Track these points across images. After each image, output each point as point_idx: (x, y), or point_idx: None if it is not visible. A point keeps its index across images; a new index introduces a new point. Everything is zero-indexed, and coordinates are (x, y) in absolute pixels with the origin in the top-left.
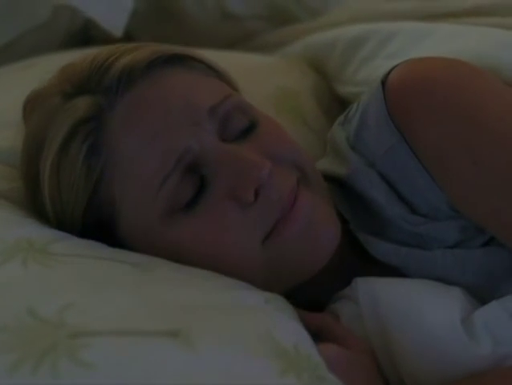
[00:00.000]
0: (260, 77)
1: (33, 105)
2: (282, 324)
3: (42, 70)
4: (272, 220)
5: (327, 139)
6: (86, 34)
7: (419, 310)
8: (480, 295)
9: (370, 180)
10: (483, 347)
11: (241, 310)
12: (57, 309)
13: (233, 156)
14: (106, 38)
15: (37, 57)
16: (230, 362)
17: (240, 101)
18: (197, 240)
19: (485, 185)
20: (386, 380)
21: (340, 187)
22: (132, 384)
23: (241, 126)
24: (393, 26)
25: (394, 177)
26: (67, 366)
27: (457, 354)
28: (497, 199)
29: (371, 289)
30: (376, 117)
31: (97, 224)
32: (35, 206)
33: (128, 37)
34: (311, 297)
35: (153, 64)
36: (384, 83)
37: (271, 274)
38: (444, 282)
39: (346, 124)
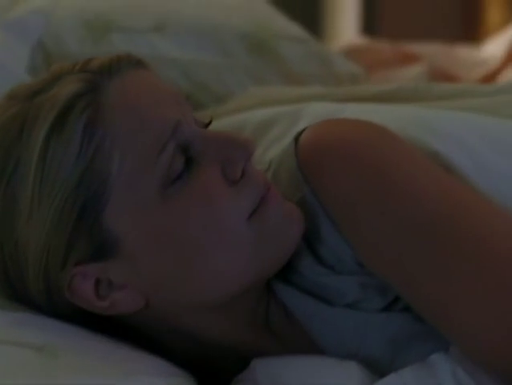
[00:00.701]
0: None
1: None
2: None
3: None
4: (257, 198)
5: None
6: None
7: None
8: (379, 364)
9: None
10: None
11: None
12: None
13: (220, 135)
14: None
15: None
16: None
17: None
18: (187, 215)
19: (390, 237)
20: None
21: None
22: None
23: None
24: (303, 107)
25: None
26: None
27: None
28: (401, 251)
29: (269, 371)
30: (288, 172)
31: (81, 207)
32: None
33: None
34: (234, 352)
35: (131, 60)
36: (296, 141)
37: (260, 254)
38: (345, 347)
39: None
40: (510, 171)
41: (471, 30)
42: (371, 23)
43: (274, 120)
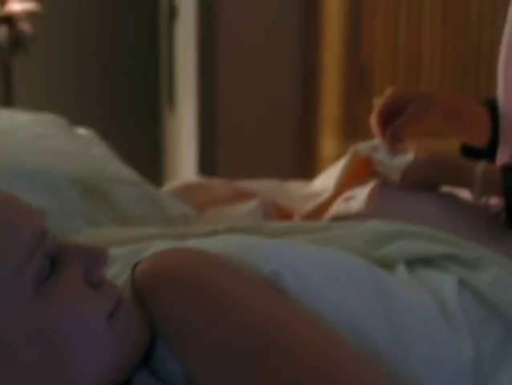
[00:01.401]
0: None
1: None
2: None
3: None
4: (114, 300)
5: None
6: None
7: None
8: None
9: None
10: None
11: None
12: None
13: (79, 243)
14: None
15: None
16: None
17: None
18: (54, 316)
19: (216, 356)
20: None
21: None
22: None
23: None
24: (143, 246)
25: None
26: None
27: None
28: (225, 370)
29: None
30: (128, 296)
31: None
32: None
33: None
34: None
35: None
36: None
37: (118, 354)
38: None
39: None
40: (339, 298)
41: (306, 164)
42: (209, 165)
43: (112, 260)
